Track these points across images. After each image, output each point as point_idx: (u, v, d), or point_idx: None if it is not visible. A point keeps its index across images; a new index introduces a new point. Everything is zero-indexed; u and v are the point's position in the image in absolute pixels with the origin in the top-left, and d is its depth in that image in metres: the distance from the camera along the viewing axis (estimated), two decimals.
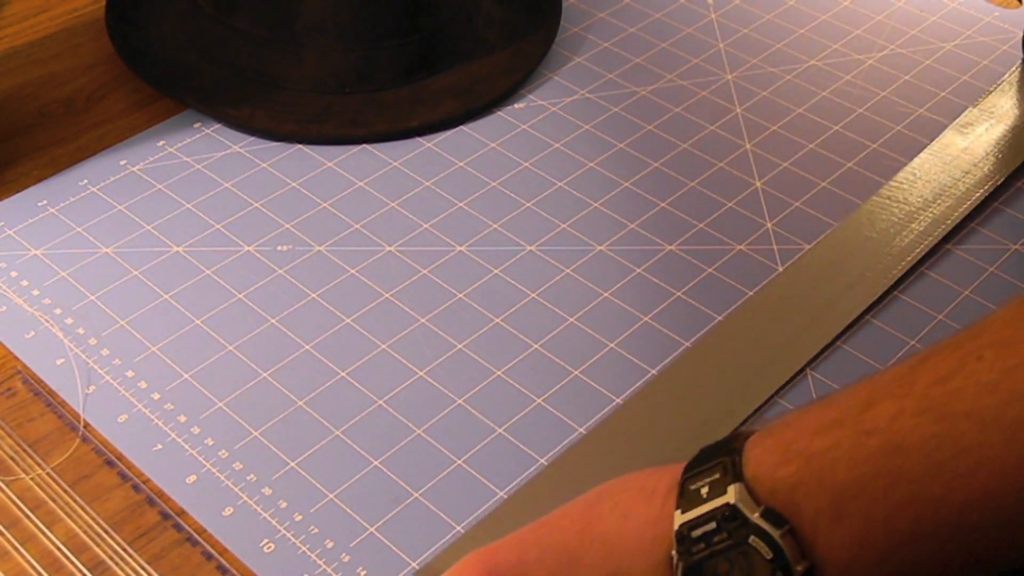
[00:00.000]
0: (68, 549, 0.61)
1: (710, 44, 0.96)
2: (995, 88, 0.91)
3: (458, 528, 0.63)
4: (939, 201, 0.81)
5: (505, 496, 0.64)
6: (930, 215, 0.80)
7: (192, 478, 0.65)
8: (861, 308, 0.74)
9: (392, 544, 0.62)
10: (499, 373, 0.71)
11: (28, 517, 0.63)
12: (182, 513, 0.63)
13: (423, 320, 0.74)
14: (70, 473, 0.65)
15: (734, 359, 0.72)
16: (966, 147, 0.86)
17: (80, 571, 0.60)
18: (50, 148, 0.85)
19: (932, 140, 0.87)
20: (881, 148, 0.87)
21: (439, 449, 0.67)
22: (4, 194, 0.81)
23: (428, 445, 0.67)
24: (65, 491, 0.64)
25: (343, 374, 0.70)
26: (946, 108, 0.90)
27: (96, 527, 0.62)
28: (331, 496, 0.64)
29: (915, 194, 0.82)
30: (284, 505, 0.64)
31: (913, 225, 0.79)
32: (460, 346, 0.72)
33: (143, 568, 0.61)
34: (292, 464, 0.66)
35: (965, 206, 0.81)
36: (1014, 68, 0.93)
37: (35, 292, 0.74)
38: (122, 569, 0.61)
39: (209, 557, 0.61)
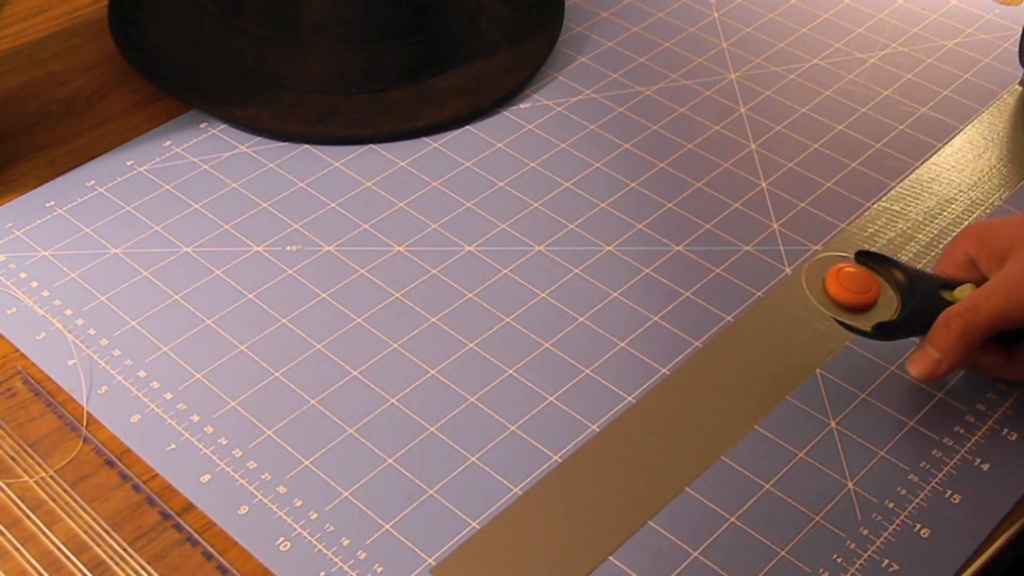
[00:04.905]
0: (68, 549, 0.61)
1: (713, 43, 0.96)
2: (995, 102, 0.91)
3: (473, 524, 0.63)
4: (947, 211, 0.82)
5: (520, 492, 0.65)
6: (937, 226, 0.81)
7: (206, 477, 0.65)
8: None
9: (408, 541, 0.62)
10: (510, 372, 0.71)
11: (28, 517, 0.63)
12: (183, 513, 0.63)
13: (433, 319, 0.74)
14: (70, 473, 0.65)
15: (745, 359, 0.72)
16: (977, 155, 0.86)
17: (80, 571, 0.60)
18: (50, 148, 0.85)
19: (935, 140, 0.87)
20: (885, 148, 0.87)
21: (453, 447, 0.67)
22: (6, 194, 0.81)
23: (442, 443, 0.67)
24: (65, 491, 0.64)
25: (355, 373, 0.70)
26: (949, 107, 0.91)
27: (96, 527, 0.62)
28: (346, 494, 0.64)
29: (920, 206, 0.82)
30: (299, 503, 0.64)
31: (920, 236, 0.80)
32: (471, 345, 0.72)
33: (143, 568, 0.61)
34: (306, 463, 0.66)
35: (976, 214, 0.82)
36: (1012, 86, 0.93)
37: (45, 293, 0.74)
38: (122, 569, 0.61)
39: (209, 557, 0.61)
